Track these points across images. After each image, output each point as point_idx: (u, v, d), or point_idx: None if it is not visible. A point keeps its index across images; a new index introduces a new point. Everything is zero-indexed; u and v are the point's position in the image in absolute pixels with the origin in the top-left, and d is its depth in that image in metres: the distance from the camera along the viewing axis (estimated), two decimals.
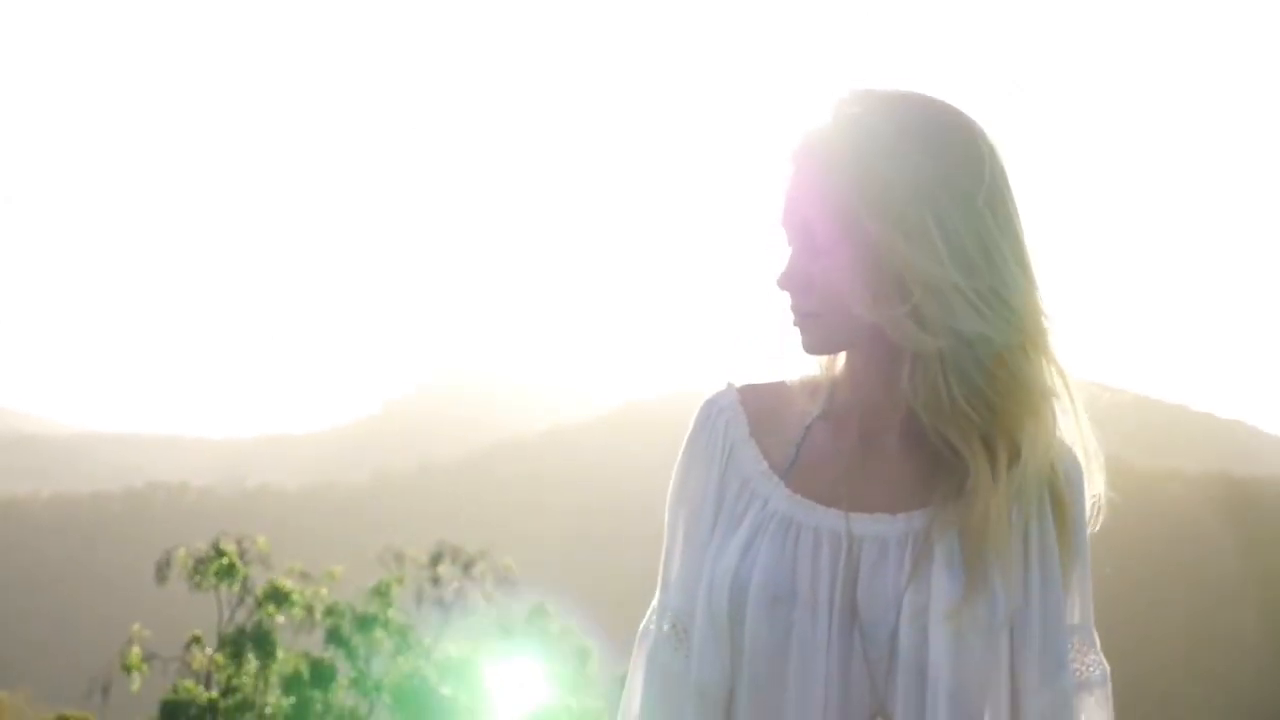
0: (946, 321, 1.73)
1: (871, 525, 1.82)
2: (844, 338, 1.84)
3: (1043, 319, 1.80)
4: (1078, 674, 1.88)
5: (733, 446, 1.93)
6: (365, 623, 25.59)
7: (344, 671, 25.62)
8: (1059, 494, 1.84)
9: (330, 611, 25.53)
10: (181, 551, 25.46)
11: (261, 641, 24.76)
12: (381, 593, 26.03)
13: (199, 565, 25.20)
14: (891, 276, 1.74)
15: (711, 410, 1.97)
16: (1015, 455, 1.79)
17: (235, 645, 24.71)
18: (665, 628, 1.92)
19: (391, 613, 25.90)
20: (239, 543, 25.62)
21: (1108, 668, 1.91)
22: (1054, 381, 1.82)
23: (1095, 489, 1.89)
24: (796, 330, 1.86)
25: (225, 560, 25.21)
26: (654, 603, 1.96)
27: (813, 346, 1.87)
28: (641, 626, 1.97)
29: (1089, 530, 1.89)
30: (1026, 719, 1.80)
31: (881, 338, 1.80)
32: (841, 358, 1.94)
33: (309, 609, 25.31)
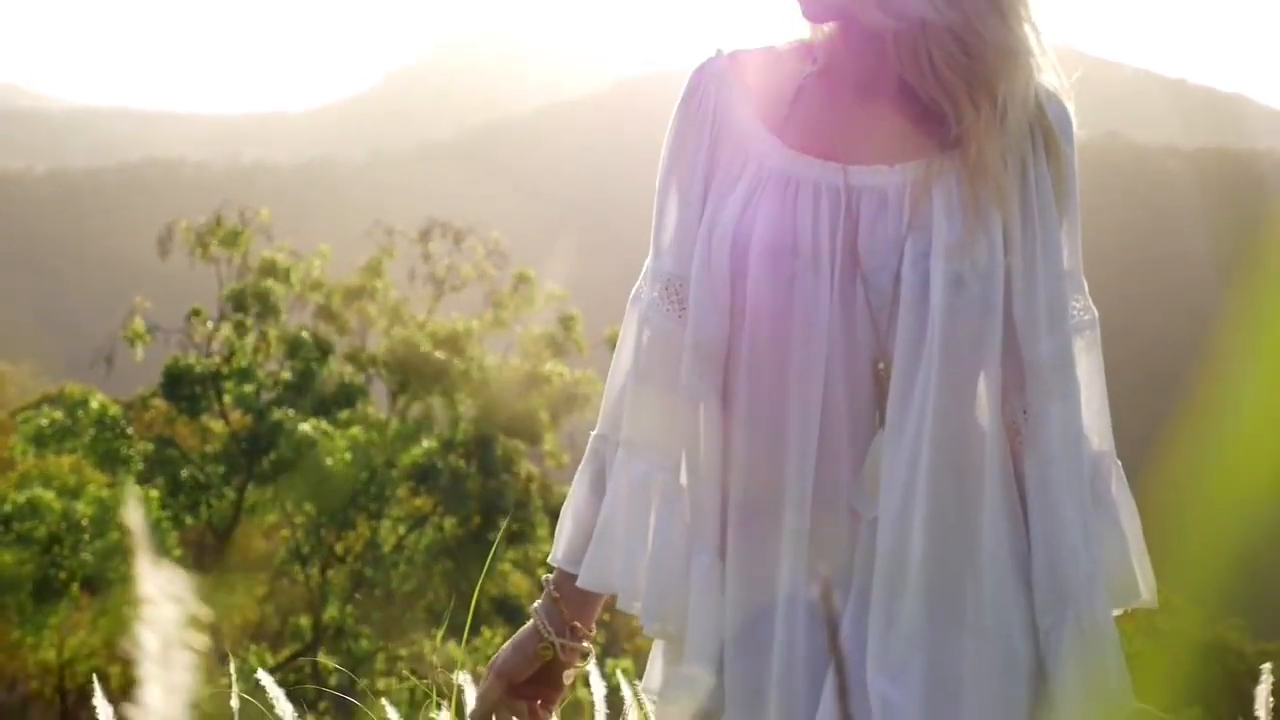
0: (906, 7, 1.75)
1: (870, 177, 1.83)
2: (840, 6, 1.83)
3: None
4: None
5: (725, 108, 1.92)
6: (354, 295, 25.83)
7: (339, 346, 26.00)
8: (1050, 134, 1.86)
9: (315, 286, 25.71)
10: (184, 224, 25.53)
11: (263, 302, 24.98)
12: (373, 268, 26.21)
13: (201, 237, 25.27)
14: None
15: (702, 75, 1.95)
16: (1001, 106, 1.81)
17: (238, 302, 24.94)
18: (658, 289, 1.93)
19: (380, 284, 26.13)
20: (241, 214, 25.65)
21: (1096, 313, 1.95)
22: (1026, 35, 1.81)
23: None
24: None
25: (228, 229, 25.22)
26: (645, 266, 1.97)
27: (814, 15, 1.86)
28: (633, 291, 1.99)
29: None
30: (1032, 365, 1.84)
31: None
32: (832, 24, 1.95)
33: (300, 284, 25.48)
